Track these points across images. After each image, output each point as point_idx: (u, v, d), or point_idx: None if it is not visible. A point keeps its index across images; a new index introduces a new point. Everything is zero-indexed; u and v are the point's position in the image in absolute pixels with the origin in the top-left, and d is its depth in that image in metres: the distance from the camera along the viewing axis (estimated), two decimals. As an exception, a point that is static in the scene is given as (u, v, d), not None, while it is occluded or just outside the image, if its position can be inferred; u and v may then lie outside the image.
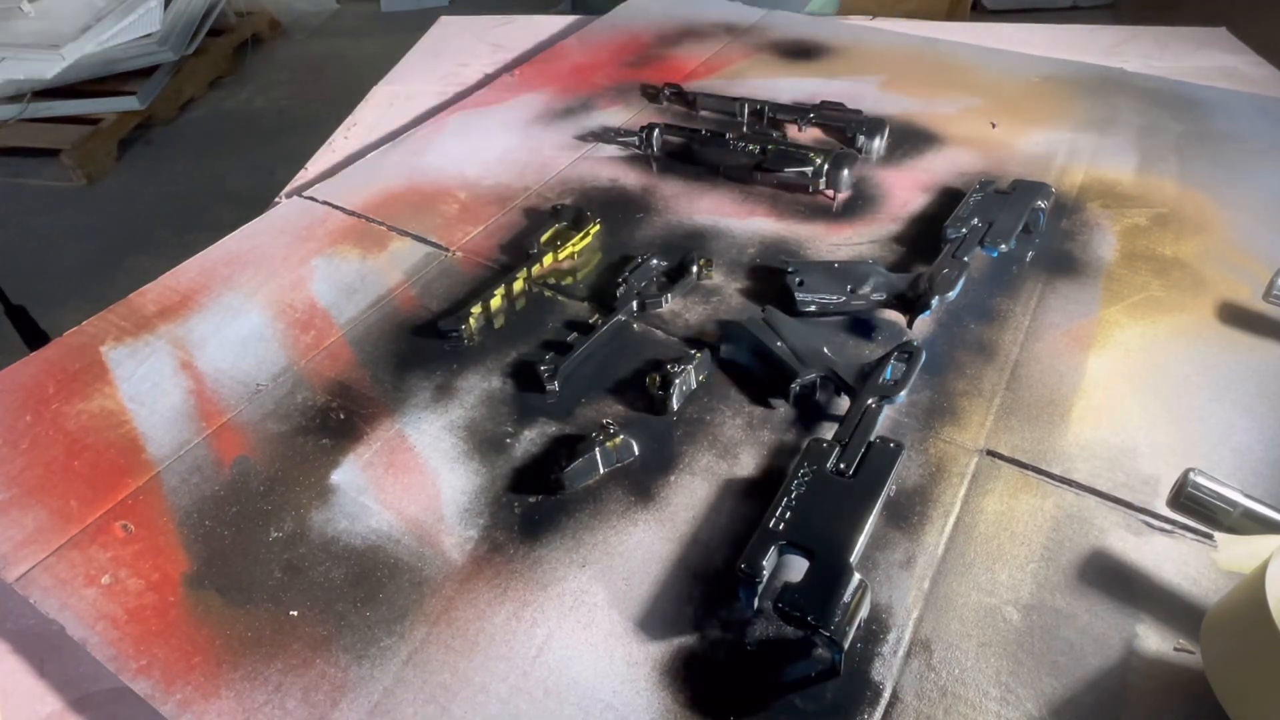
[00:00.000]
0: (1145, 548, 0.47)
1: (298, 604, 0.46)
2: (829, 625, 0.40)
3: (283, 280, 0.69)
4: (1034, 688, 0.41)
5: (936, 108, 0.89)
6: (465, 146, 0.86)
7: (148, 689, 0.42)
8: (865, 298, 0.62)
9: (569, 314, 0.65)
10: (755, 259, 0.70)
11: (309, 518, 0.50)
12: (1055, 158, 0.80)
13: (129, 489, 0.52)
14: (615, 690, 0.42)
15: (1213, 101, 0.89)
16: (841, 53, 1.02)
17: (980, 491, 0.50)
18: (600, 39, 1.09)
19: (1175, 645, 0.42)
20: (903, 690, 0.41)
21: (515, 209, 0.77)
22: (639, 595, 0.46)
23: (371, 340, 0.63)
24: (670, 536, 0.49)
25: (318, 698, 0.42)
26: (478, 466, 0.53)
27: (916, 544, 0.47)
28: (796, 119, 0.85)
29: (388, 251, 0.72)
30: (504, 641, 0.44)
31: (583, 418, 0.56)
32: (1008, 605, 0.44)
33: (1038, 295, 0.64)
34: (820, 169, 0.75)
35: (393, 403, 0.58)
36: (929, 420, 0.55)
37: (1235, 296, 0.63)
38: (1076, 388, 0.57)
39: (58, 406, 0.58)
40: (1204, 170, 0.78)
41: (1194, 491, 0.43)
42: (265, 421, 0.57)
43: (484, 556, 0.48)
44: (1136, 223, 0.72)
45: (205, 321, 0.65)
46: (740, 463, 0.53)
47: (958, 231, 0.67)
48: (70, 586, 0.47)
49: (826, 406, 0.56)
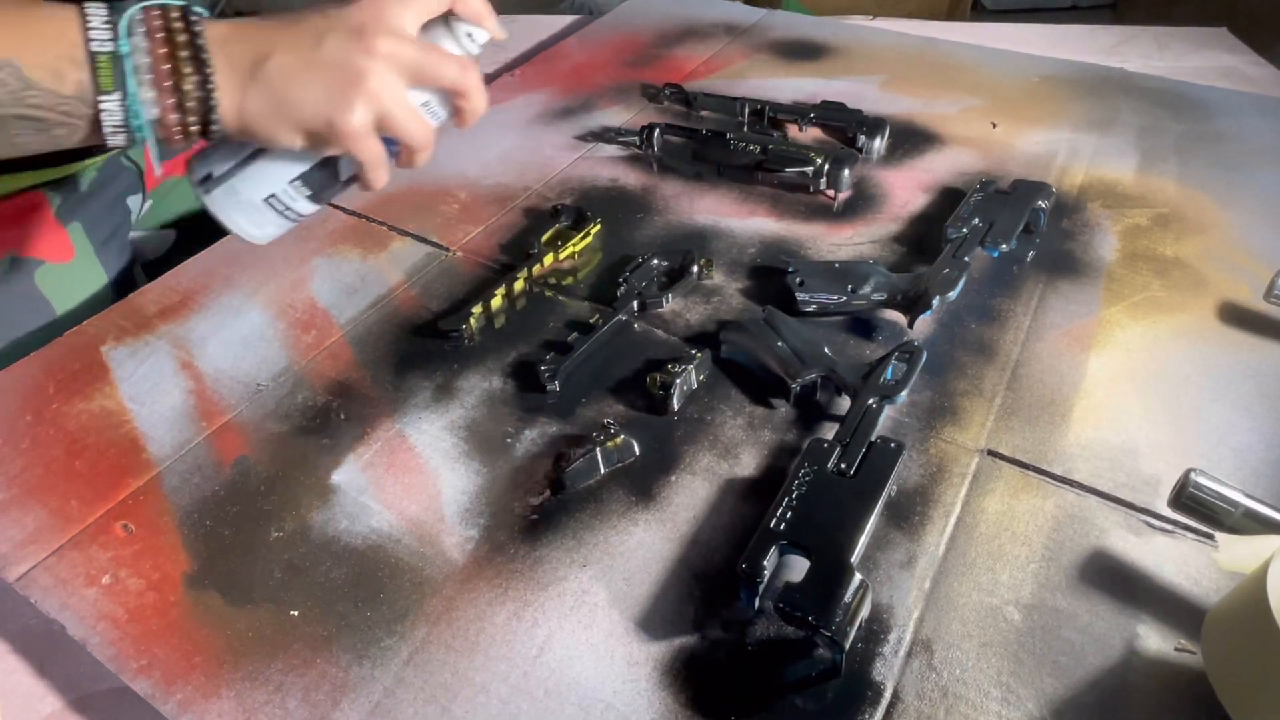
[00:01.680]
0: (1146, 548, 0.47)
1: (298, 604, 0.46)
2: (830, 625, 0.40)
3: (283, 280, 0.69)
4: (1035, 688, 0.41)
5: (937, 108, 0.89)
6: (465, 146, 0.86)
7: (148, 689, 0.42)
8: (866, 298, 0.62)
9: (569, 314, 0.65)
10: (756, 259, 0.70)
11: (310, 518, 0.50)
12: (1055, 158, 0.80)
13: (129, 489, 0.52)
14: (616, 690, 0.42)
15: (1213, 101, 0.89)
16: (841, 53, 1.02)
17: (981, 491, 0.50)
18: (600, 39, 1.09)
19: (1176, 645, 0.42)
20: (904, 690, 0.41)
21: (515, 209, 0.77)
22: (640, 595, 0.46)
23: (372, 340, 0.63)
24: (671, 536, 0.49)
25: (318, 697, 0.42)
26: (478, 466, 0.53)
27: (917, 544, 0.47)
28: (797, 119, 0.85)
29: (388, 251, 0.72)
30: (505, 641, 0.44)
31: (583, 418, 0.56)
32: (1009, 605, 0.44)
33: (1038, 295, 0.64)
34: (821, 169, 0.75)
35: (393, 403, 0.58)
36: (930, 420, 0.55)
37: (1235, 296, 0.63)
38: (1077, 388, 0.57)
39: (58, 406, 0.58)
40: (1204, 170, 0.78)
41: (1195, 491, 0.43)
42: (266, 421, 0.57)
43: (485, 556, 0.48)
44: (1137, 223, 0.72)
45: (206, 321, 0.65)
46: (741, 463, 0.53)
47: (958, 231, 0.67)
48: (71, 586, 0.47)
49: (827, 406, 0.56)
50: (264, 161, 0.48)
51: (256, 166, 0.48)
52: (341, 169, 0.50)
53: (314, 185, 0.49)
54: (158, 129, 0.43)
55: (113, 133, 0.43)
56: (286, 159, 0.48)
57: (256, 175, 0.48)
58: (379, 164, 0.48)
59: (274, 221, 0.50)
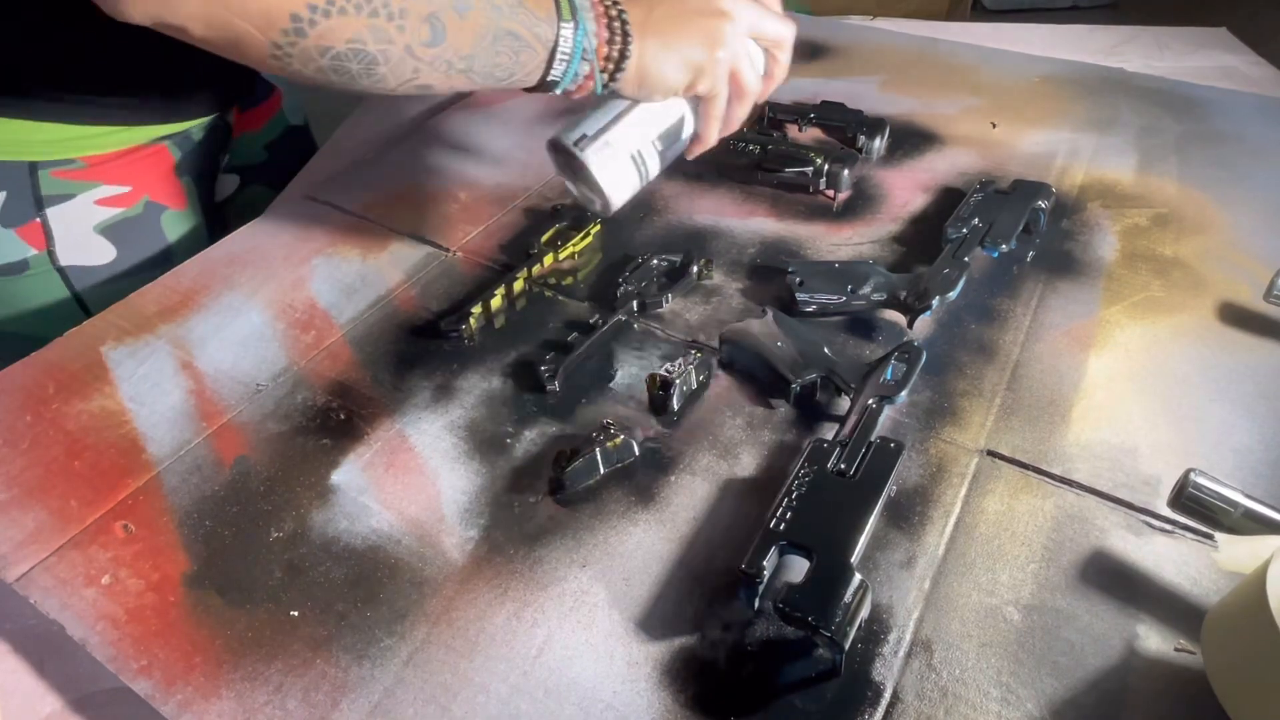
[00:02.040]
0: (1146, 548, 0.47)
1: (298, 604, 0.46)
2: (830, 625, 0.40)
3: (283, 280, 0.69)
4: (1035, 688, 0.41)
5: (936, 108, 0.89)
6: (465, 146, 0.86)
7: (148, 689, 0.42)
8: (865, 298, 0.62)
9: (569, 314, 0.65)
10: (756, 259, 0.70)
11: (309, 518, 0.50)
12: (1055, 158, 0.80)
13: (129, 489, 0.52)
14: (616, 690, 0.42)
15: (1213, 101, 0.89)
16: (841, 53, 1.02)
17: (981, 492, 0.50)
18: (600, 39, 1.09)
19: (1176, 645, 0.42)
20: (903, 690, 0.41)
21: (515, 209, 0.77)
22: (639, 595, 0.46)
23: (372, 340, 0.63)
24: (670, 537, 0.49)
25: (318, 698, 0.42)
26: (478, 466, 0.53)
27: (917, 544, 0.47)
28: (797, 119, 0.85)
29: (388, 251, 0.72)
30: (504, 642, 0.44)
31: (583, 418, 0.56)
32: (1008, 605, 0.44)
33: (1038, 295, 0.64)
34: (821, 169, 0.75)
35: (393, 403, 0.58)
36: (929, 420, 0.55)
37: (1235, 296, 0.63)
38: (1077, 388, 0.57)
39: (58, 406, 0.58)
40: (1204, 170, 0.78)
41: (1195, 492, 0.43)
42: (265, 421, 0.57)
43: (484, 557, 0.48)
44: (1137, 223, 0.72)
45: (205, 321, 0.65)
46: (741, 463, 0.53)
47: (958, 231, 0.67)
48: (70, 586, 0.47)
49: (827, 406, 0.56)
50: (628, 121, 0.58)
51: (623, 125, 0.58)
52: (685, 127, 0.60)
53: (666, 142, 0.60)
54: (587, 63, 0.52)
55: (560, 60, 0.51)
56: (647, 118, 0.58)
57: (625, 132, 0.58)
58: (719, 114, 0.58)
59: (631, 180, 0.60)
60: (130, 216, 0.72)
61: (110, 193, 0.70)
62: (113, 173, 0.70)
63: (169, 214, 0.75)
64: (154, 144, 0.72)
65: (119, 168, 0.70)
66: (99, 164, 0.69)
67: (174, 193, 0.76)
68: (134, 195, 0.72)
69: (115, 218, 0.71)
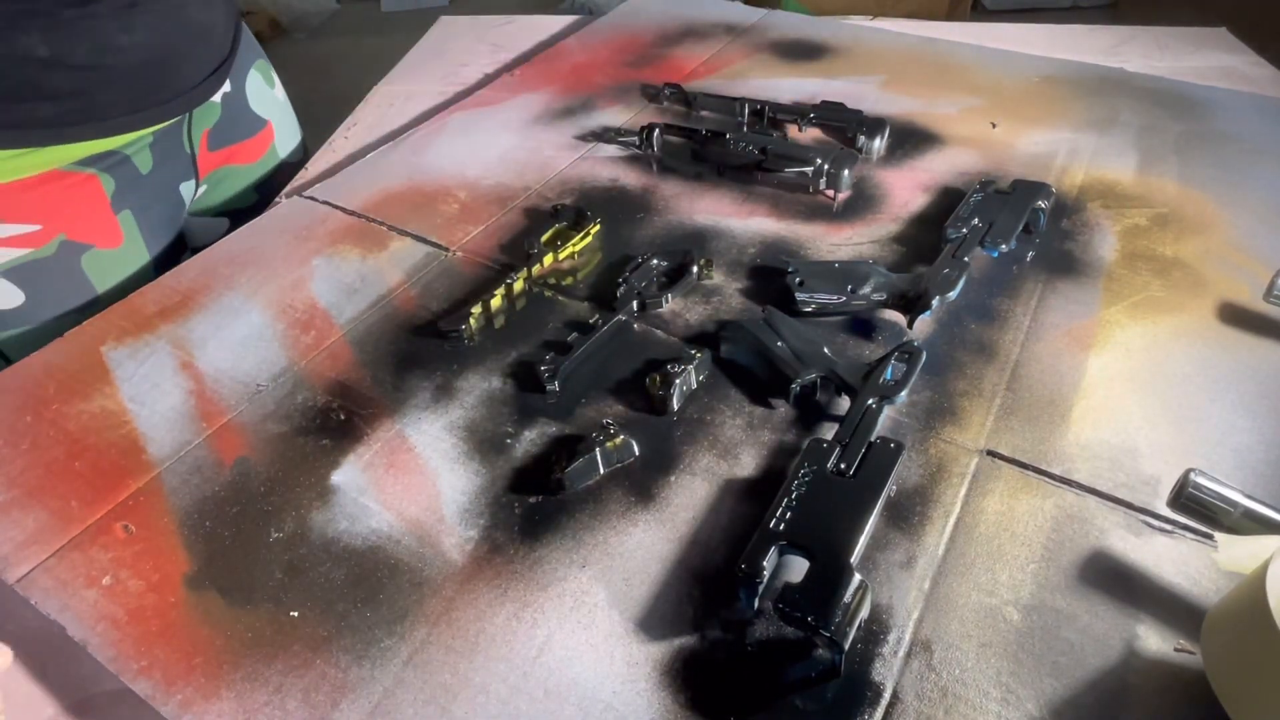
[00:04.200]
0: (1145, 548, 0.47)
1: (298, 604, 0.46)
2: (829, 626, 0.40)
3: (283, 280, 0.69)
4: (1035, 688, 0.41)
5: (936, 108, 0.89)
6: (465, 146, 0.86)
7: (148, 690, 0.43)
8: (865, 298, 0.62)
9: (569, 314, 0.65)
10: (756, 259, 0.70)
11: (309, 518, 0.50)
12: (1055, 158, 0.80)
13: (130, 489, 0.52)
14: (615, 691, 0.42)
15: (1213, 101, 0.89)
16: (841, 53, 1.02)
17: (981, 492, 0.50)
18: (600, 39, 1.09)
19: (1176, 646, 0.42)
20: (903, 691, 0.41)
21: (515, 209, 0.77)
22: (639, 596, 0.46)
23: (371, 340, 0.63)
24: (670, 537, 0.49)
25: (318, 698, 0.42)
26: (478, 467, 0.53)
27: (917, 544, 0.47)
28: (797, 119, 0.85)
29: (388, 251, 0.72)
30: (504, 642, 0.44)
31: (583, 418, 0.56)
32: (1008, 605, 0.44)
33: (1038, 295, 0.64)
34: (821, 169, 0.75)
35: (393, 403, 0.58)
36: (929, 420, 0.55)
37: (1235, 296, 0.63)
38: (1077, 388, 0.57)
39: (58, 407, 0.58)
40: (1204, 170, 0.78)
41: (1194, 492, 0.43)
42: (266, 422, 0.57)
43: (484, 557, 0.48)
44: (1137, 223, 0.72)
45: (205, 321, 0.65)
46: (740, 463, 0.53)
47: (958, 231, 0.67)
48: (71, 587, 0.47)
49: (826, 406, 0.56)
50: None
51: None
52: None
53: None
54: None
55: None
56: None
57: None
58: None
59: None
60: (39, 258, 0.64)
61: (12, 232, 0.62)
62: (17, 208, 0.61)
63: (94, 254, 0.67)
64: (76, 170, 0.63)
65: (27, 202, 0.61)
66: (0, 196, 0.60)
67: (104, 229, 0.67)
68: (45, 234, 0.63)
69: (20, 259, 0.63)
